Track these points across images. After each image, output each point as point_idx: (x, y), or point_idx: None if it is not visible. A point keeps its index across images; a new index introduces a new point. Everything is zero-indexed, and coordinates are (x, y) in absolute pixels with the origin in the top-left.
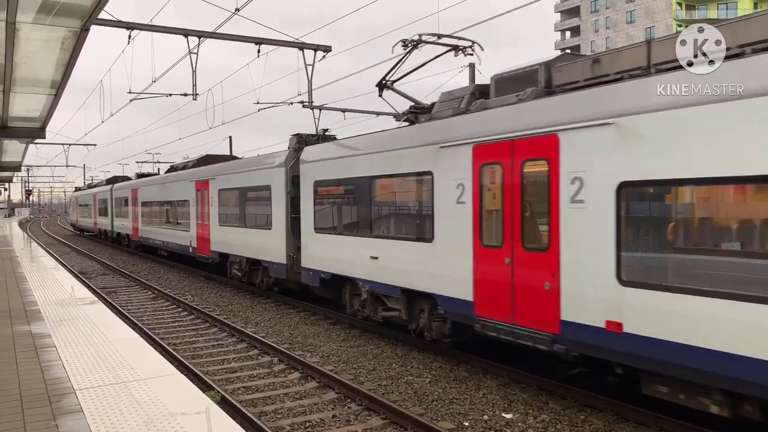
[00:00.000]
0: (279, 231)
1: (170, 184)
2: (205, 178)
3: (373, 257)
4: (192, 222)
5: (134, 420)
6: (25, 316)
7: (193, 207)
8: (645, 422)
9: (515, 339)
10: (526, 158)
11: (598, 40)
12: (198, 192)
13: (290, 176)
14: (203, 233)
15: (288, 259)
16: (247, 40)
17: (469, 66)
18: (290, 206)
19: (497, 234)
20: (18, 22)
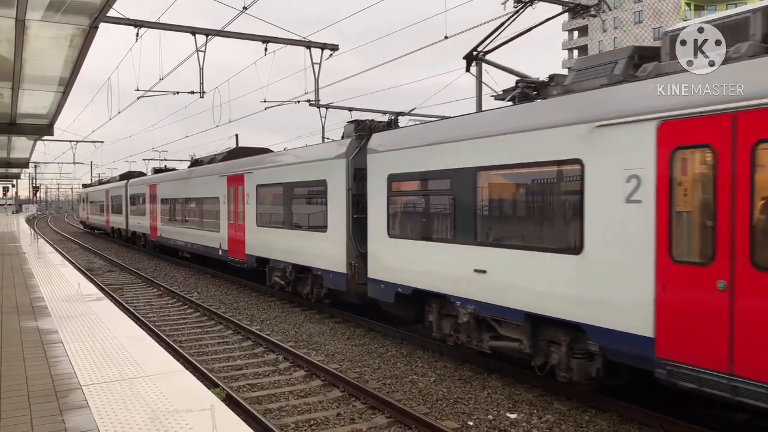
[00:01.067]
0: (337, 234)
1: (196, 180)
2: (240, 172)
3: (478, 270)
4: (222, 222)
5: (140, 416)
6: (32, 312)
7: (223, 205)
8: (650, 423)
9: (734, 395)
10: (762, 138)
11: (605, 40)
12: (230, 188)
13: (352, 169)
14: (236, 235)
15: (349, 268)
16: (254, 39)
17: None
18: (352, 205)
19: (703, 246)
20: (27, 20)
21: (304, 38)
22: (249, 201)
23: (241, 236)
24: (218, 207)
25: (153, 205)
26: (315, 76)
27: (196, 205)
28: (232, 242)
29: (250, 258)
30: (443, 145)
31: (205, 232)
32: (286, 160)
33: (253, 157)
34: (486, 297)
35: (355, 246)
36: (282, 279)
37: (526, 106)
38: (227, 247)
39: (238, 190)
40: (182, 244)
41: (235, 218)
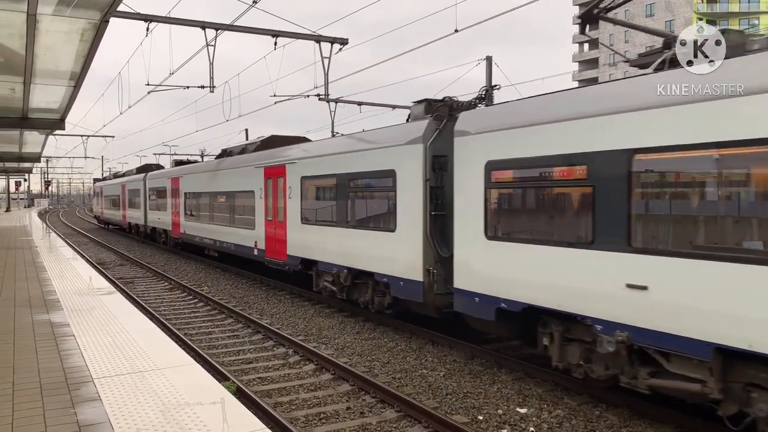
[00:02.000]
0: (410, 234)
1: (226, 172)
2: (280, 163)
3: (635, 286)
4: (258, 218)
5: (151, 409)
6: (44, 305)
7: (260, 199)
8: (661, 419)
9: None
10: None
11: (616, 33)
12: (268, 181)
13: (430, 157)
14: (276, 233)
15: (426, 276)
16: (263, 33)
17: (486, 59)
18: (430, 199)
19: None
20: (38, 14)
21: (313, 32)
22: (291, 195)
23: (282, 235)
24: (253, 202)
25: (175, 199)
26: (324, 70)
27: (227, 199)
28: (270, 241)
29: (293, 259)
30: (577, 122)
31: (237, 229)
32: (340, 148)
33: (295, 145)
34: (647, 321)
35: (434, 249)
36: (334, 284)
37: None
38: (264, 246)
39: (277, 183)
40: (209, 242)
41: (273, 214)
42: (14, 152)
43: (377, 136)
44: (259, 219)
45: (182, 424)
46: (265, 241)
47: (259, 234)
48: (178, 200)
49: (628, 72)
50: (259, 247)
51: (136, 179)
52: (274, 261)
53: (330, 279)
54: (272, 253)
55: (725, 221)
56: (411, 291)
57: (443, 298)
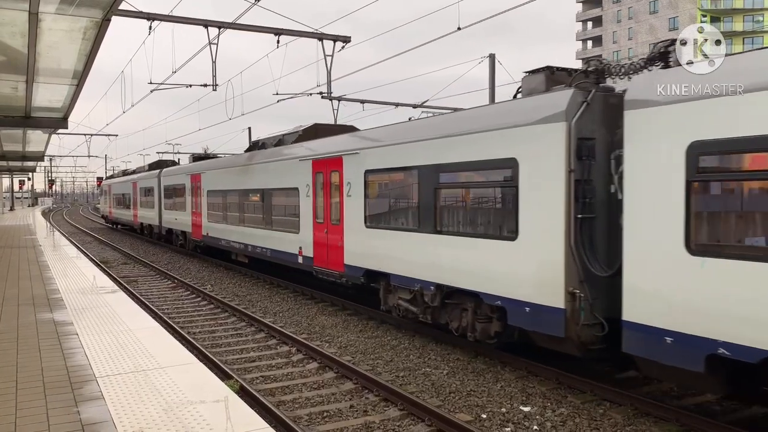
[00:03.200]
0: (543, 244)
1: (261, 166)
2: (335, 154)
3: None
4: (305, 220)
5: (154, 407)
6: (47, 304)
7: (306, 198)
8: (665, 417)
9: None
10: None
11: (620, 31)
12: (318, 175)
13: (575, 140)
14: (329, 238)
15: (569, 301)
16: (266, 31)
17: (489, 57)
18: (575, 197)
19: None
20: (41, 13)
21: (316, 30)
22: (351, 192)
23: (337, 241)
24: (297, 200)
25: (196, 198)
26: (327, 68)
27: (261, 198)
28: (320, 248)
29: (353, 270)
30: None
31: (274, 232)
32: (423, 133)
33: (352, 134)
34: None
35: (579, 264)
36: (413, 304)
37: None
38: (312, 253)
39: (330, 178)
40: (238, 246)
41: (325, 216)
42: (18, 151)
43: (484, 116)
44: (306, 221)
45: (185, 422)
46: (314, 248)
47: (305, 239)
48: (200, 199)
49: None
50: (305, 254)
51: (150, 176)
52: (325, 271)
53: (407, 297)
54: (324, 262)
55: None
56: (543, 321)
57: (590, 331)
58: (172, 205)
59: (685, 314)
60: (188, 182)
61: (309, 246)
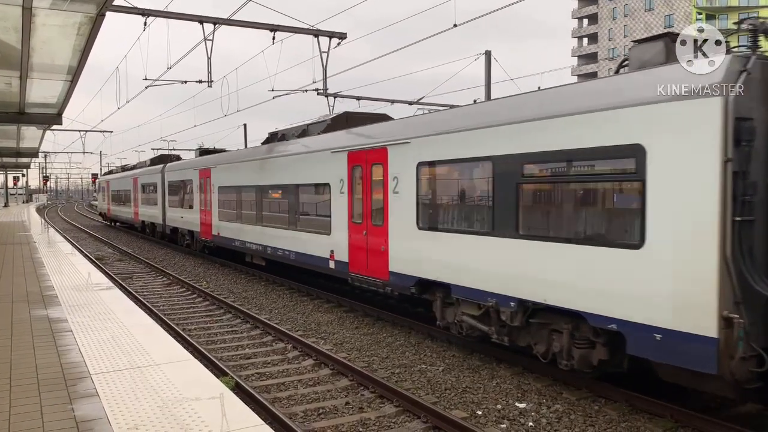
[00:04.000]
0: (683, 255)
1: (283, 160)
2: (378, 144)
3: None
4: (338, 220)
5: (149, 404)
6: (42, 301)
7: (340, 195)
8: (659, 413)
9: None
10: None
11: (615, 28)
12: (355, 170)
13: (733, 120)
14: (369, 241)
15: (724, 330)
16: (261, 27)
17: (485, 54)
18: (732, 195)
19: None
20: (34, 8)
21: (312, 27)
22: (399, 188)
23: (380, 244)
24: (328, 198)
25: (205, 195)
26: (323, 64)
27: (284, 195)
28: (357, 252)
29: (401, 279)
30: None
31: (300, 233)
32: (503, 116)
33: (401, 120)
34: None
35: (738, 281)
36: (484, 321)
37: None
38: (347, 258)
39: (370, 173)
40: (255, 248)
41: (365, 215)
42: (12, 147)
43: (591, 93)
44: (339, 221)
45: (180, 419)
46: (349, 252)
47: (338, 241)
48: (209, 196)
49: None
50: (338, 259)
51: (152, 172)
52: (365, 279)
53: (475, 312)
54: (362, 269)
55: None
56: (684, 353)
57: (746, 366)
58: (178, 203)
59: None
60: (196, 178)
61: (343, 250)
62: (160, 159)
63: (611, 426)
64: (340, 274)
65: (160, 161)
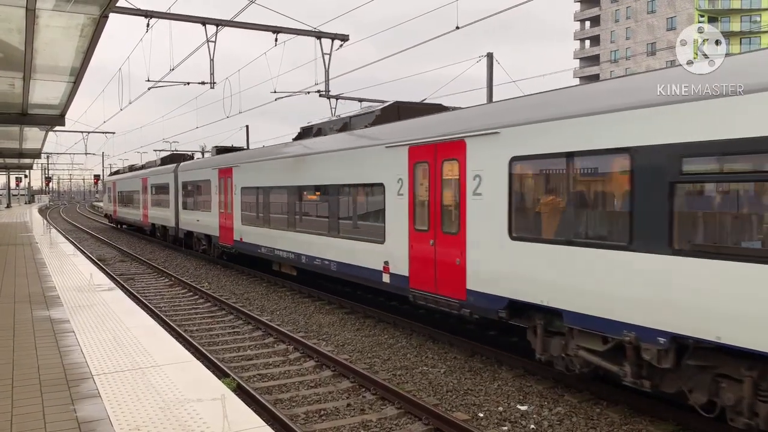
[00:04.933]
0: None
1: (323, 157)
2: (451, 137)
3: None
4: (395, 226)
5: (151, 405)
6: (44, 302)
7: (398, 198)
8: (662, 416)
9: None
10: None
11: (618, 30)
12: (418, 167)
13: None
14: (438, 252)
15: None
16: (264, 29)
17: (487, 56)
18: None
19: None
20: (38, 9)
21: (314, 29)
22: (483, 189)
23: (454, 255)
24: (381, 200)
25: (225, 196)
26: (325, 66)
27: (324, 196)
28: (421, 265)
29: (485, 300)
30: None
31: (344, 241)
32: (651, 94)
33: (483, 106)
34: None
35: None
36: (612, 360)
37: None
38: (407, 271)
39: (442, 170)
40: (286, 256)
41: (432, 220)
42: (14, 148)
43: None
44: (396, 227)
45: (182, 420)
46: (410, 264)
47: (395, 251)
48: (230, 197)
49: (629, 69)
50: (394, 272)
51: (164, 171)
52: (431, 297)
53: (598, 347)
54: (427, 285)
55: None
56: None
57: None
58: (193, 205)
59: None
60: (215, 178)
61: (401, 261)
62: (172, 158)
63: (613, 428)
64: (396, 290)
65: (171, 160)
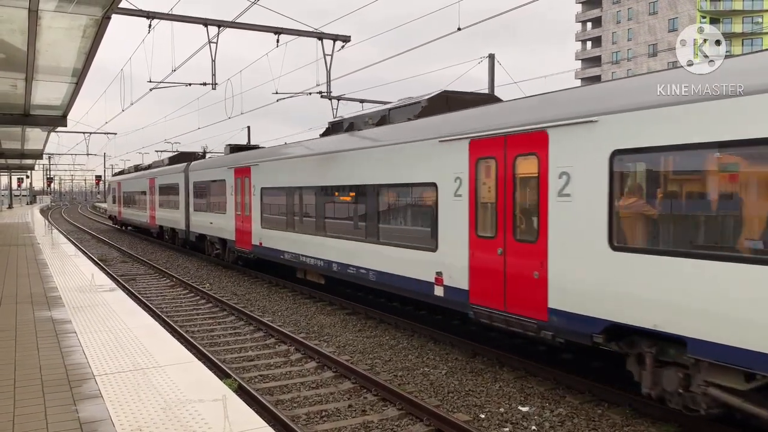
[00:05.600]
0: None
1: (360, 155)
2: (528, 127)
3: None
4: (451, 232)
5: (152, 406)
6: (46, 302)
7: (455, 200)
8: (664, 418)
9: None
10: None
11: (619, 31)
12: (482, 164)
13: None
14: (508, 263)
15: None
16: (266, 30)
17: (489, 57)
18: None
19: None
20: (40, 10)
21: (315, 29)
22: (571, 189)
23: (531, 267)
24: (432, 201)
25: (242, 197)
26: (327, 67)
27: (360, 198)
28: (485, 277)
29: (574, 321)
30: None
31: (385, 248)
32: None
33: (561, 92)
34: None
35: None
36: (757, 402)
37: None
38: (467, 284)
39: (515, 167)
40: (314, 263)
41: (501, 225)
42: (16, 149)
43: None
44: (452, 233)
45: (184, 421)
46: (470, 276)
47: (450, 260)
48: (248, 198)
49: (631, 70)
50: (449, 284)
51: (173, 171)
52: (500, 315)
53: (739, 387)
54: (493, 301)
55: None
56: None
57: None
58: (206, 206)
59: None
60: (230, 177)
61: (459, 272)
62: (179, 158)
63: (615, 430)
64: (452, 305)
65: (177, 160)
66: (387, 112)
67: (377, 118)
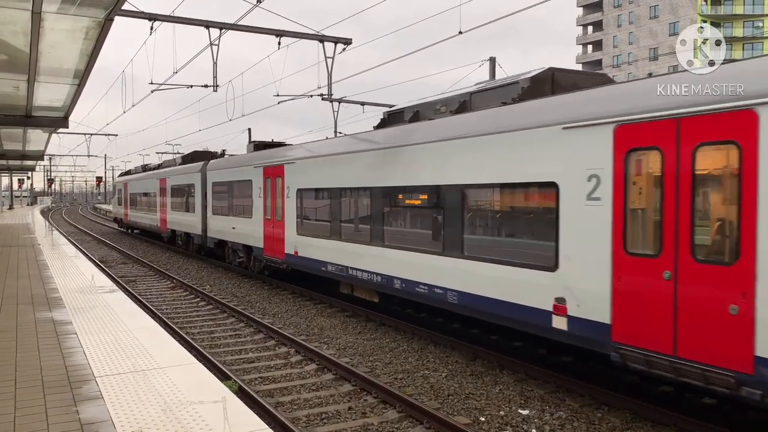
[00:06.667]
0: None
1: (434, 148)
2: (712, 106)
3: None
4: (577, 246)
5: (153, 407)
6: (47, 303)
7: (588, 206)
8: (664, 422)
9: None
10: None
11: (620, 35)
12: (633, 158)
13: None
14: (681, 293)
15: None
16: (267, 33)
17: (490, 60)
18: None
19: None
20: (43, 12)
21: (317, 32)
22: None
23: (723, 299)
24: (550, 207)
25: (273, 200)
26: (328, 70)
27: (436, 202)
28: (639, 308)
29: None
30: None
31: (473, 263)
32: None
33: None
34: None
35: None
36: None
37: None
38: (609, 316)
39: (693, 162)
40: (368, 278)
41: (666, 240)
42: (18, 150)
43: None
44: (581, 248)
45: (184, 422)
46: (614, 305)
47: (580, 284)
48: (280, 201)
49: (632, 74)
50: (578, 315)
51: (188, 171)
52: (667, 361)
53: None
54: (658, 341)
55: None
56: None
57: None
58: (228, 209)
59: None
60: (258, 178)
61: (595, 300)
62: (194, 157)
63: None
64: (582, 343)
65: (192, 159)
66: (468, 97)
67: (455, 104)
